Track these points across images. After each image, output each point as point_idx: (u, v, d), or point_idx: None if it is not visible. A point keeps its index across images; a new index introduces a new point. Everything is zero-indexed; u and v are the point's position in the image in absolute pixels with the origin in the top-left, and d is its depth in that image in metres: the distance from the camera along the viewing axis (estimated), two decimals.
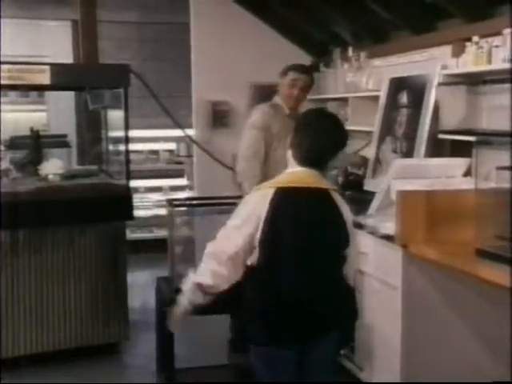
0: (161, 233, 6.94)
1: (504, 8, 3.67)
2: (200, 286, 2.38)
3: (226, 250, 2.34)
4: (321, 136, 2.39)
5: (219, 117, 5.89)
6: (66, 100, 6.52)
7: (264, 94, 6.01)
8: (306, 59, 6.16)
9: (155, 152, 7.58)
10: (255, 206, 2.33)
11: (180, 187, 7.51)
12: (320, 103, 6.04)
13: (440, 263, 3.05)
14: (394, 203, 3.39)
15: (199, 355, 3.57)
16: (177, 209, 3.23)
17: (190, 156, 7.10)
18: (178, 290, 3.17)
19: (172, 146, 7.56)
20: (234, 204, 3.56)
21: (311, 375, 2.43)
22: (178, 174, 7.50)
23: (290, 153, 2.45)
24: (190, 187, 7.18)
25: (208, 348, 3.77)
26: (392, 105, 4.39)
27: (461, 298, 3.20)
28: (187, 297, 2.44)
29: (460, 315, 3.22)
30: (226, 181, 5.70)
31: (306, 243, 2.35)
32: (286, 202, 2.35)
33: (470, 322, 3.22)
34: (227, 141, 5.82)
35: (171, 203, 3.28)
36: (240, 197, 4.19)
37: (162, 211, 7.13)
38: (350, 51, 5.19)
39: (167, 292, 3.26)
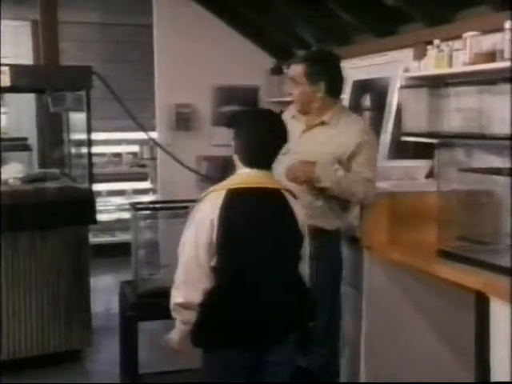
0: (124, 237, 6.86)
1: (464, 12, 3.73)
2: (183, 305, 2.33)
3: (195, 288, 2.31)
4: (264, 135, 2.38)
5: (182, 119, 5.87)
6: (26, 102, 6.41)
7: (227, 96, 6.02)
8: (268, 61, 6.19)
9: (118, 155, 7.49)
10: (207, 210, 2.32)
11: (143, 190, 7.43)
12: (283, 105, 6.05)
13: (403, 264, 3.08)
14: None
15: (164, 360, 3.53)
16: (140, 212, 3.19)
17: (153, 159, 7.05)
18: (142, 295, 3.16)
19: (135, 148, 7.49)
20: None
21: (268, 379, 2.39)
22: (142, 177, 7.42)
23: (236, 157, 2.44)
24: (153, 190, 7.12)
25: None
26: (355, 107, 4.41)
27: (423, 297, 3.23)
28: (179, 321, 2.37)
29: (422, 314, 3.25)
30: (189, 184, 5.69)
31: (259, 244, 2.33)
32: (238, 203, 2.33)
33: (431, 321, 3.25)
34: (190, 143, 5.82)
35: (135, 206, 3.24)
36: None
37: (126, 215, 7.10)
38: None
39: (131, 296, 3.22)
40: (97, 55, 6.78)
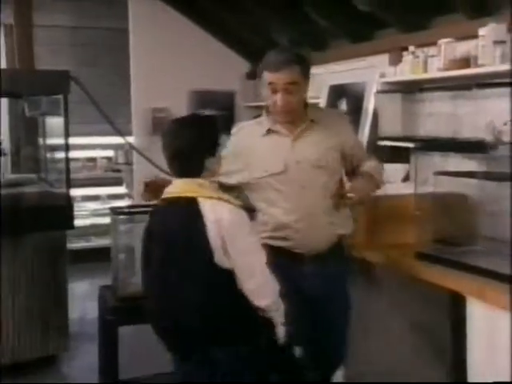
0: (99, 242, 6.83)
1: (439, 19, 3.80)
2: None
3: None
4: (167, 144, 2.31)
5: (159, 124, 5.86)
6: None
7: (204, 100, 6.04)
8: (244, 66, 6.22)
9: (92, 159, 7.45)
10: None
11: (118, 195, 7.39)
12: (260, 110, 6.08)
13: (381, 266, 3.12)
14: None
15: (144, 364, 3.52)
16: (121, 216, 3.19)
17: (128, 164, 7.02)
18: (122, 299, 3.16)
19: (110, 153, 7.45)
20: None
21: None
22: (116, 182, 7.39)
23: None
24: (129, 195, 7.09)
25: (154, 356, 3.73)
26: None
27: (401, 299, 3.27)
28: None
29: (401, 315, 3.30)
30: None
31: (169, 256, 2.21)
32: (156, 213, 2.32)
33: (409, 322, 3.30)
34: None
35: (115, 211, 3.24)
36: None
37: (101, 220, 7.05)
38: None
39: (111, 300, 3.21)
40: (70, 59, 6.73)
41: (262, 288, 2.20)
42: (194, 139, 2.24)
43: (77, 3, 6.60)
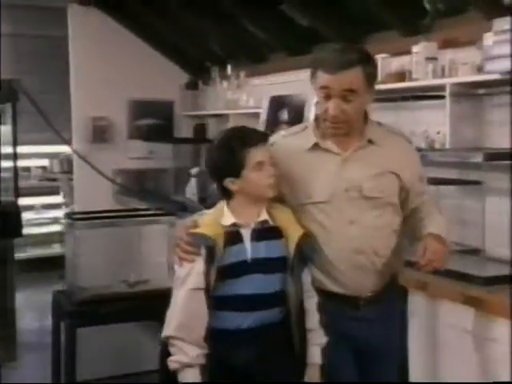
0: (36, 252, 6.79)
1: (375, 36, 4.06)
2: None
3: None
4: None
5: (99, 132, 5.92)
6: None
7: (143, 109, 6.14)
8: (183, 76, 6.36)
9: (27, 169, 7.37)
10: None
11: (55, 205, 7.33)
12: (199, 120, 6.25)
13: None
14: None
15: (102, 366, 3.60)
16: (77, 222, 3.26)
17: (64, 172, 7.02)
18: (80, 302, 3.23)
19: (45, 162, 7.39)
20: (131, 217, 3.69)
21: None
22: (52, 192, 7.34)
23: None
24: (66, 204, 7.07)
25: (111, 358, 3.81)
26: (273, 121, 4.67)
27: None
28: None
29: None
30: (106, 196, 5.76)
31: None
32: None
33: None
34: (107, 156, 5.87)
35: (71, 217, 3.31)
36: (130, 210, 4.28)
37: (36, 230, 7.01)
38: (229, 70, 5.43)
39: (68, 304, 3.27)
40: (7, 67, 6.65)
41: (168, 317, 2.04)
42: (207, 163, 2.10)
43: (17, 11, 6.55)
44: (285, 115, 4.56)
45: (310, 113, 4.26)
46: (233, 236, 2.01)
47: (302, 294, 2.07)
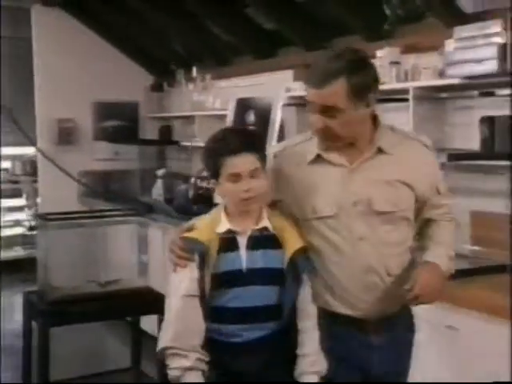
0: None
1: (339, 40, 4.18)
2: None
3: None
4: None
5: (64, 134, 5.92)
6: None
7: (108, 111, 6.15)
8: (148, 78, 6.39)
9: None
10: None
11: (17, 207, 7.25)
12: (164, 121, 6.29)
13: None
14: None
15: (74, 366, 3.63)
16: (49, 223, 3.29)
17: (27, 175, 6.97)
18: (52, 302, 3.26)
19: (7, 164, 7.31)
20: (101, 217, 3.72)
21: None
22: (14, 194, 7.27)
23: None
24: (29, 206, 7.02)
25: (83, 358, 3.83)
26: (240, 123, 4.73)
27: None
28: None
29: None
30: (71, 198, 5.77)
31: None
32: None
33: None
34: (72, 157, 5.87)
35: (43, 217, 3.34)
36: (101, 210, 4.31)
37: None
38: (195, 72, 5.49)
39: (40, 304, 3.29)
40: None
41: (163, 328, 1.91)
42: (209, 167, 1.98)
43: None
44: (251, 117, 4.64)
45: (277, 116, 4.35)
46: (228, 242, 1.89)
47: (296, 311, 1.93)
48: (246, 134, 2.02)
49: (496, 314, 2.47)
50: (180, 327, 1.87)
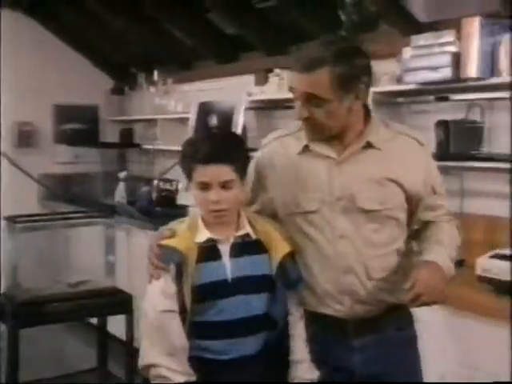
0: None
1: (301, 45, 4.30)
2: None
3: None
4: None
5: (24, 137, 5.90)
6: None
7: (68, 114, 6.15)
8: (108, 81, 6.42)
9: None
10: None
11: None
12: (125, 124, 6.32)
13: None
14: None
15: (42, 367, 3.65)
16: (18, 225, 3.31)
17: None
18: (21, 303, 3.28)
19: None
20: (69, 219, 3.76)
21: None
22: None
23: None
24: None
25: (51, 359, 3.86)
26: (202, 126, 4.82)
27: None
28: None
29: None
30: (32, 201, 5.76)
31: None
32: None
33: None
34: (33, 161, 5.86)
35: (11, 219, 3.36)
36: (68, 212, 4.33)
37: None
38: (156, 75, 5.55)
39: (8, 306, 3.31)
40: None
41: (142, 344, 1.81)
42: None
43: None
44: (214, 121, 4.73)
45: (239, 119, 4.46)
46: (209, 251, 1.77)
47: (287, 317, 1.84)
48: (223, 142, 1.83)
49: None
50: (160, 345, 1.74)
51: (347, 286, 1.83)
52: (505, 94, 2.99)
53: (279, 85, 4.18)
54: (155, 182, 4.91)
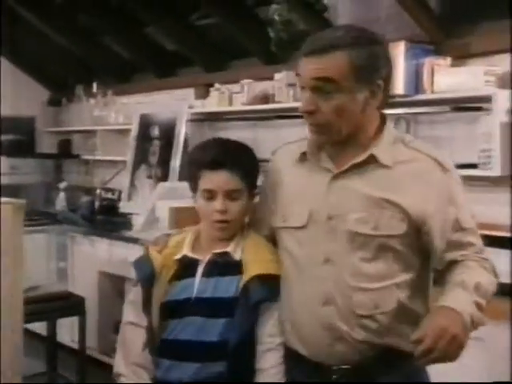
0: None
1: (238, 62, 4.59)
2: None
3: None
4: None
5: None
6: None
7: (4, 126, 6.17)
8: (45, 93, 6.49)
9: None
10: None
11: None
12: (63, 135, 6.40)
13: None
14: (158, 220, 4.02)
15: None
16: None
17: None
18: None
19: None
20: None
21: None
22: None
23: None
24: None
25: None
26: (144, 137, 5.02)
27: None
28: None
29: None
30: None
31: None
32: None
33: None
34: None
35: None
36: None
37: None
38: (95, 88, 5.68)
39: None
40: None
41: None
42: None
43: None
44: (156, 132, 4.93)
45: (181, 130, 4.68)
46: (187, 268, 1.69)
47: (253, 348, 1.62)
48: (233, 148, 1.70)
49: None
50: (126, 353, 1.74)
51: (326, 318, 1.55)
52: (427, 109, 3.37)
53: (220, 98, 4.44)
54: (98, 190, 5.05)
